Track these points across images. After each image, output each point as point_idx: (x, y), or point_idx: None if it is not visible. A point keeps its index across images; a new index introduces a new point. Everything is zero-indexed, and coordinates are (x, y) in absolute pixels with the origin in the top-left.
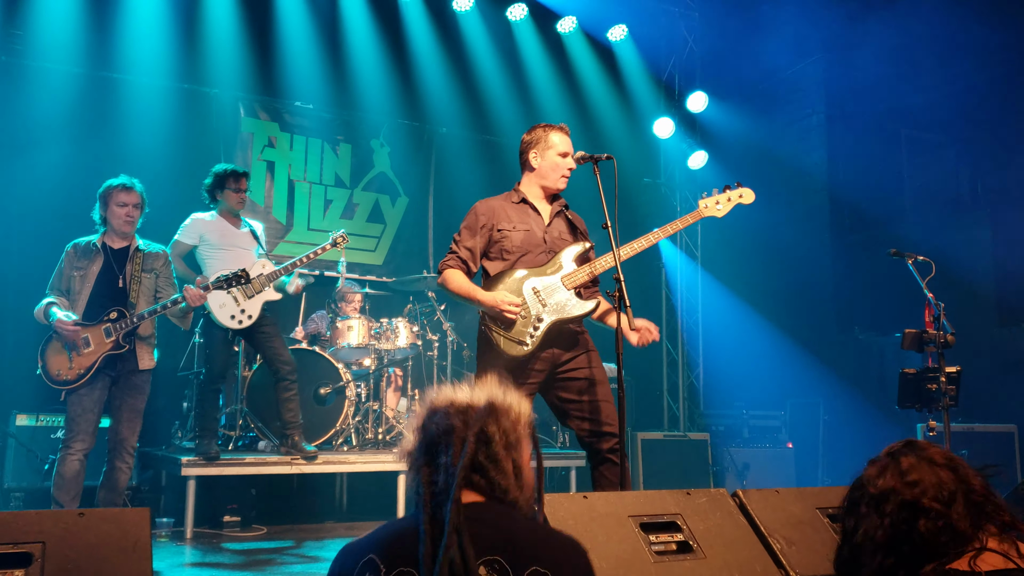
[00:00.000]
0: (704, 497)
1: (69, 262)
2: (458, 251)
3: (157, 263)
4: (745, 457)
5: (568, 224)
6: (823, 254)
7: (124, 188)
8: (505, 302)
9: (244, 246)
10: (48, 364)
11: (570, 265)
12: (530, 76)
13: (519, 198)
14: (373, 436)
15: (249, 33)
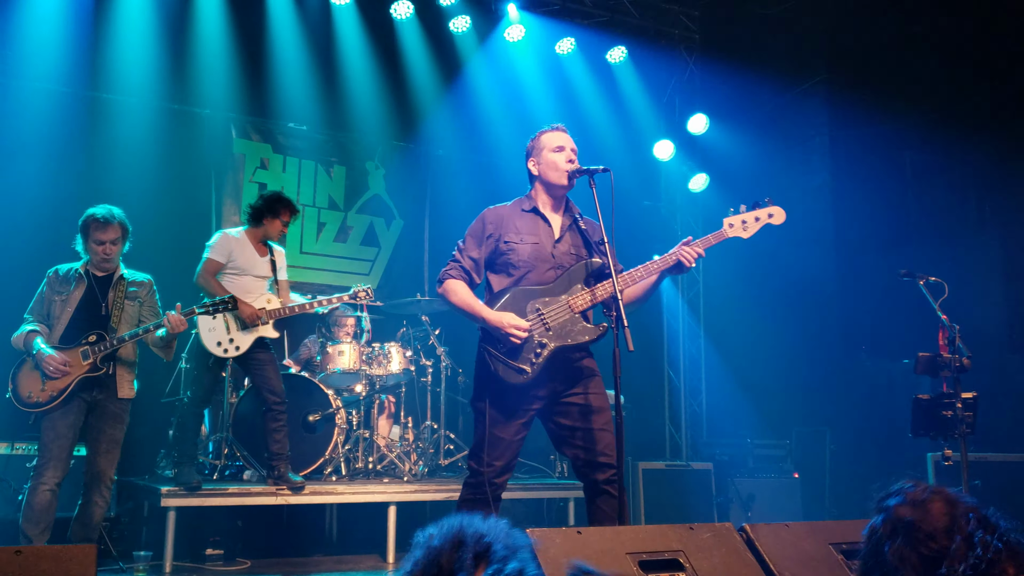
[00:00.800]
0: (708, 532)
1: (51, 287)
2: (461, 260)
3: (142, 291)
4: (750, 488)
5: (581, 236)
6: (828, 278)
7: (100, 224)
8: (512, 325)
9: (258, 274)
10: (19, 387)
11: (579, 285)
12: (527, 97)
13: (530, 206)
14: (364, 465)
15: (241, 53)
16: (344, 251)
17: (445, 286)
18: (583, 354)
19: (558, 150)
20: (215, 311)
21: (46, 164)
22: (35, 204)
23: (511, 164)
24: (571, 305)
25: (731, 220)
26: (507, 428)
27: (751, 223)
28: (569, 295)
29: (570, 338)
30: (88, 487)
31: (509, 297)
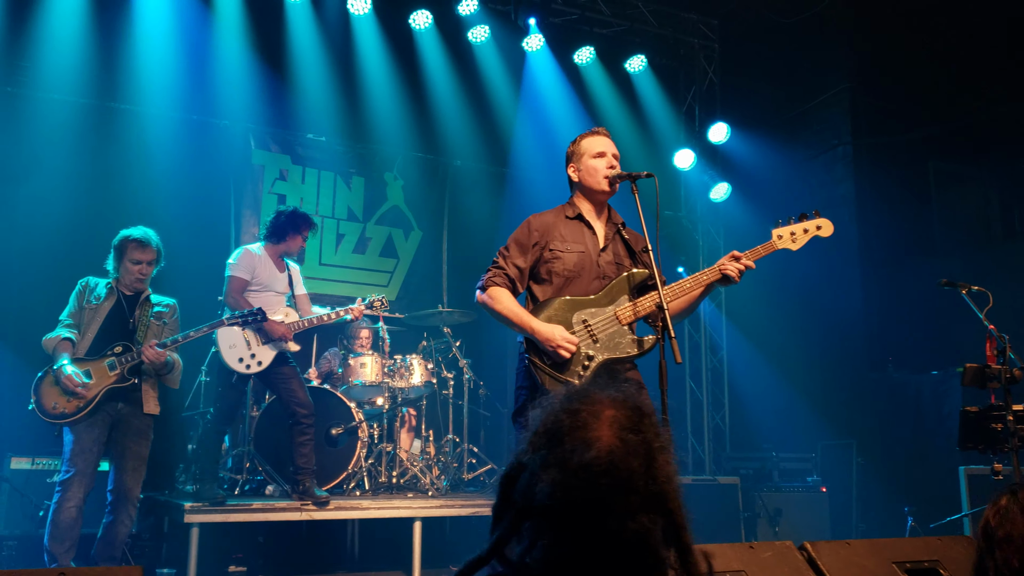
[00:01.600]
0: (769, 551)
1: (83, 294)
2: (506, 267)
3: (167, 313)
4: (777, 502)
5: (625, 246)
6: (853, 289)
7: (139, 245)
8: (564, 338)
9: (279, 290)
10: (42, 398)
11: (624, 296)
12: (547, 107)
13: (574, 213)
14: (387, 480)
15: (261, 64)
16: (363, 262)
17: (489, 293)
18: (629, 365)
19: (599, 156)
20: (244, 324)
21: (66, 175)
22: (56, 214)
23: (529, 175)
24: (618, 317)
25: (779, 231)
26: None
27: (799, 235)
28: (616, 306)
29: (619, 350)
30: (114, 506)
31: (554, 307)
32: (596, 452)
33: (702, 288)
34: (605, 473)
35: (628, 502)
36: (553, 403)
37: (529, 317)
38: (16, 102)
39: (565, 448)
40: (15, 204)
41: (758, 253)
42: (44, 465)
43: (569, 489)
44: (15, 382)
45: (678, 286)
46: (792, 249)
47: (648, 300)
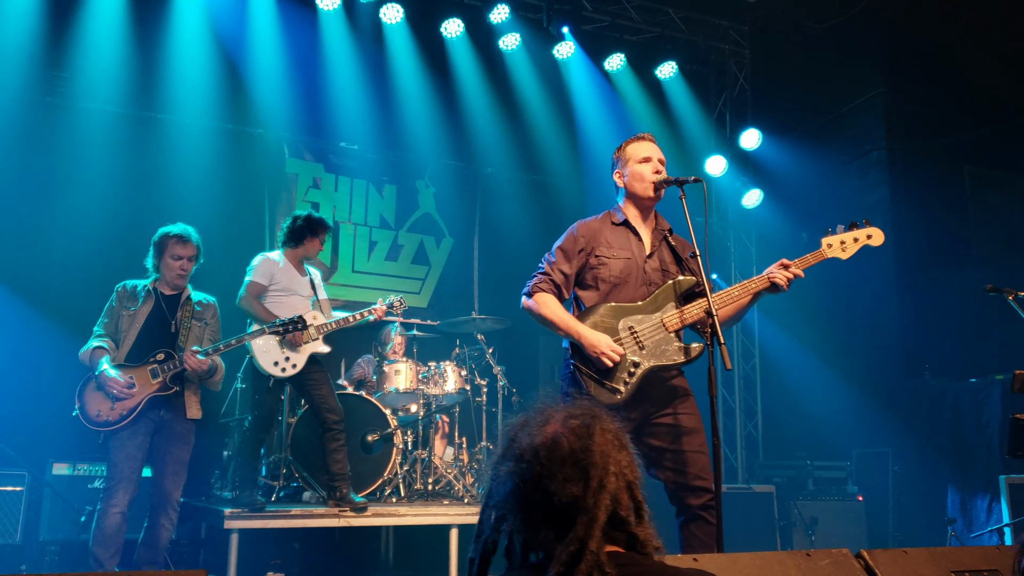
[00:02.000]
0: (826, 559)
1: (119, 301)
2: (552, 274)
3: (207, 314)
4: (812, 511)
5: (671, 253)
6: (888, 295)
7: (180, 240)
8: (609, 347)
9: (303, 294)
10: (86, 405)
11: (671, 303)
12: (578, 114)
13: (619, 219)
14: (422, 486)
15: (295, 74)
16: (395, 269)
17: (535, 299)
18: (675, 373)
19: (644, 161)
20: (286, 331)
21: (104, 183)
22: (94, 222)
23: (560, 182)
24: (665, 324)
25: (829, 240)
26: None
27: (849, 243)
28: (662, 313)
29: (665, 358)
30: (155, 509)
31: (600, 313)
32: (543, 437)
33: (750, 296)
34: (549, 448)
35: (564, 473)
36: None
37: (576, 323)
38: (56, 112)
39: (518, 443)
40: (55, 212)
41: (807, 261)
42: (85, 471)
43: (522, 471)
44: (56, 390)
45: (726, 294)
46: (842, 258)
47: (695, 307)
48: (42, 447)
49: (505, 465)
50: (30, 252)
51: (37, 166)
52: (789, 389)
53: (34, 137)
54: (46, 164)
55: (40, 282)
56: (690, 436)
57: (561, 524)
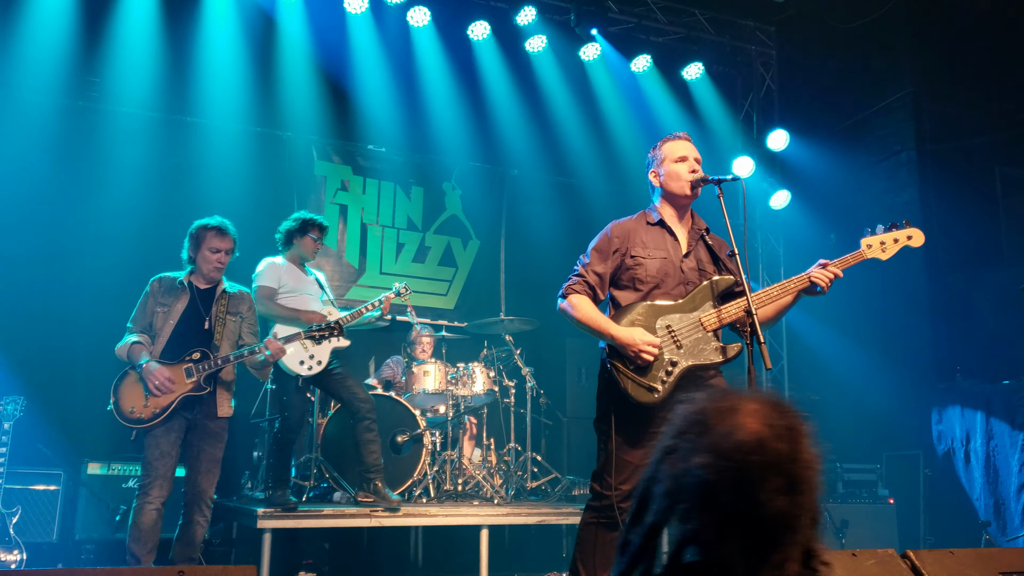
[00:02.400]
0: (872, 559)
1: (153, 297)
2: (586, 275)
3: (242, 307)
4: (843, 513)
5: (708, 252)
6: (919, 297)
7: (218, 233)
8: (644, 342)
9: (311, 292)
10: (121, 400)
11: (709, 303)
12: (604, 115)
13: (655, 219)
14: (452, 487)
15: (322, 77)
16: (422, 271)
17: (569, 301)
18: (713, 373)
19: (680, 160)
20: (322, 337)
21: (136, 186)
22: (127, 223)
23: (586, 183)
24: (703, 323)
25: (869, 240)
26: (635, 451)
27: (889, 244)
28: (700, 312)
29: (703, 357)
30: (188, 506)
31: (637, 312)
32: (745, 435)
33: (790, 296)
34: (754, 451)
35: (773, 483)
36: (698, 400)
37: (608, 323)
38: (88, 116)
39: (714, 434)
40: (88, 215)
41: (847, 262)
42: (119, 470)
43: (720, 469)
44: (90, 390)
45: (765, 293)
46: (881, 259)
47: (733, 306)
48: (77, 447)
49: (700, 456)
50: (64, 253)
51: (71, 169)
52: (817, 391)
53: (68, 141)
54: (79, 167)
55: (74, 283)
56: None
57: (758, 537)
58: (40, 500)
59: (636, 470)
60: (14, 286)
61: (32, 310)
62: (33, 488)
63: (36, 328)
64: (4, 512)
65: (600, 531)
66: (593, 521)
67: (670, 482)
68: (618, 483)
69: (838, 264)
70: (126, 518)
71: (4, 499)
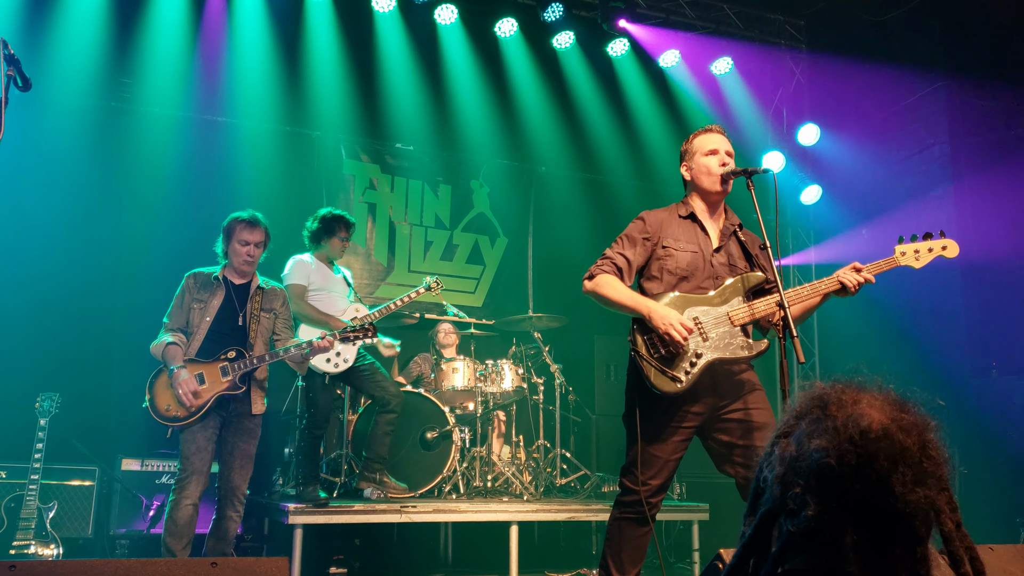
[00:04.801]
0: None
1: (188, 292)
2: (613, 258)
3: (276, 303)
4: None
5: (740, 248)
6: (952, 292)
7: (248, 225)
8: (678, 322)
9: (339, 291)
10: (156, 399)
11: (738, 298)
12: (632, 112)
13: (686, 212)
14: (481, 484)
15: (351, 76)
16: (450, 269)
17: (597, 280)
18: (744, 367)
19: (711, 153)
20: (356, 339)
21: (167, 186)
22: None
23: (614, 180)
24: (731, 317)
25: (903, 248)
26: (663, 446)
27: (923, 253)
28: (729, 307)
29: (729, 351)
30: (221, 502)
31: (665, 302)
32: (869, 423)
33: (819, 297)
34: (882, 439)
35: (902, 474)
36: (814, 386)
37: (644, 298)
38: (120, 117)
39: (835, 420)
40: (121, 214)
41: (880, 267)
42: (154, 466)
43: (843, 453)
44: (124, 386)
45: (795, 292)
46: (914, 267)
47: (764, 302)
48: (111, 443)
49: (819, 439)
50: (98, 252)
51: (103, 170)
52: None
53: (101, 142)
54: (112, 168)
55: (107, 281)
56: (762, 431)
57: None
58: (76, 496)
59: (664, 464)
60: (49, 284)
61: (67, 308)
62: (69, 484)
63: (71, 326)
64: (41, 507)
65: (629, 526)
66: (622, 516)
67: (783, 467)
68: (646, 478)
69: (871, 269)
70: (160, 513)
71: (41, 495)
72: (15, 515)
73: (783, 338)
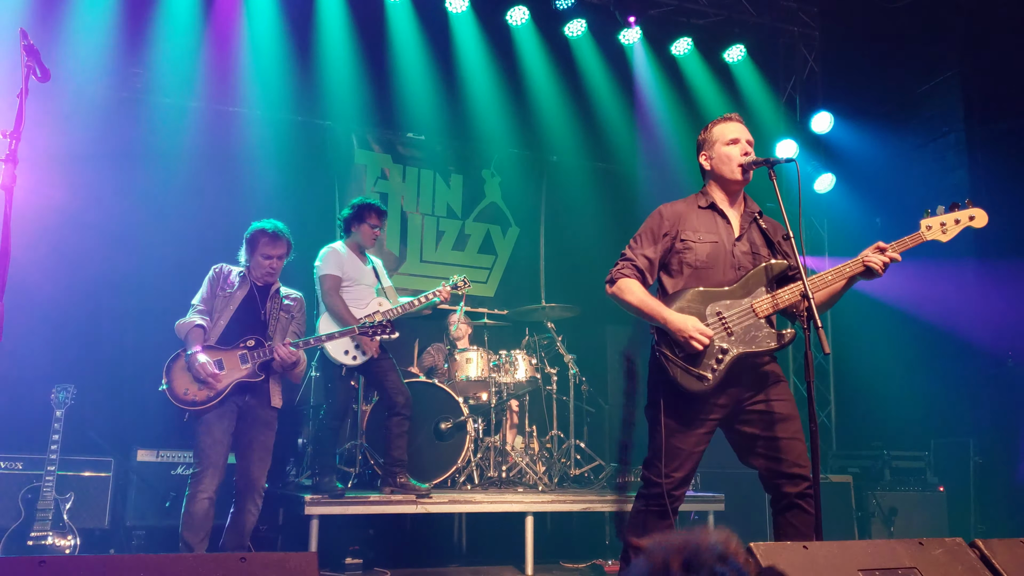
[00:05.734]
0: (940, 548)
1: (217, 280)
2: (634, 259)
3: (294, 308)
4: (891, 501)
5: (762, 236)
6: (967, 281)
7: (271, 239)
8: (697, 330)
9: (368, 283)
10: (174, 382)
11: (762, 288)
12: (645, 100)
13: (706, 202)
14: (495, 474)
15: (362, 66)
16: (462, 259)
17: (618, 285)
18: (767, 359)
19: (732, 143)
20: (373, 335)
21: (177, 176)
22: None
23: (626, 169)
24: (755, 309)
25: (928, 222)
26: (686, 438)
27: (951, 225)
28: (753, 298)
29: (754, 344)
30: (241, 495)
31: (687, 298)
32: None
33: (844, 281)
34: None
35: None
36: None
37: (661, 307)
38: (131, 107)
39: None
40: (133, 205)
41: (905, 244)
42: (169, 457)
43: None
44: (139, 377)
45: (819, 278)
46: (942, 240)
47: (788, 291)
48: (127, 434)
49: None
50: (111, 243)
51: (115, 160)
52: (863, 377)
53: (112, 132)
54: (124, 158)
55: (121, 272)
56: (785, 422)
57: None
58: (92, 487)
59: (688, 457)
60: (63, 276)
61: (82, 299)
62: (84, 475)
63: (86, 317)
64: (58, 499)
65: (652, 519)
66: (644, 509)
67: None
68: (669, 471)
69: (896, 247)
70: (176, 504)
71: (57, 486)
72: (32, 506)
73: (807, 328)
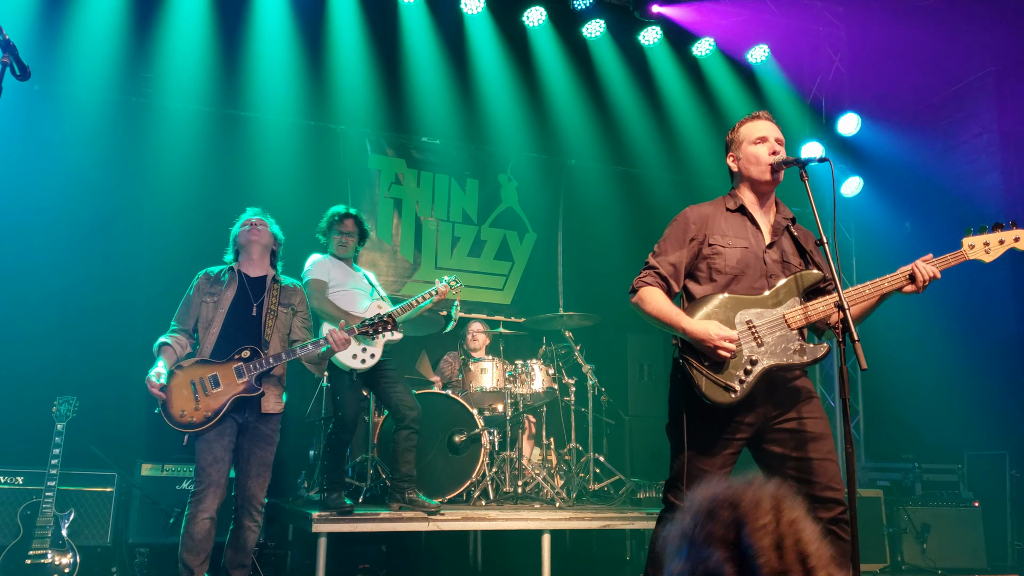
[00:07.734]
0: None
1: (199, 291)
2: (658, 266)
3: (295, 299)
4: (923, 517)
5: (794, 244)
6: (1002, 287)
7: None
8: (721, 336)
9: (362, 287)
10: (170, 403)
11: (795, 298)
12: (665, 102)
13: (735, 204)
14: (511, 489)
15: (376, 70)
16: (478, 266)
17: (640, 294)
18: (798, 374)
19: (760, 141)
20: (375, 332)
21: (190, 181)
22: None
23: (647, 173)
24: (787, 320)
25: (971, 240)
26: (712, 460)
27: (994, 245)
28: (785, 308)
29: (786, 357)
30: (239, 512)
31: (714, 305)
32: None
33: (879, 295)
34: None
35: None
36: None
37: (680, 315)
38: (141, 111)
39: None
40: (143, 211)
41: (947, 262)
42: (173, 472)
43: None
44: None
45: (856, 291)
46: (984, 261)
47: (821, 303)
48: (130, 448)
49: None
50: (117, 251)
51: (124, 165)
52: (892, 386)
53: (121, 136)
54: (133, 163)
55: (126, 282)
56: (817, 442)
57: None
58: (94, 502)
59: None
60: (66, 284)
61: (85, 308)
62: (86, 490)
63: (89, 327)
64: (58, 515)
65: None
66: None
67: None
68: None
69: (937, 264)
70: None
71: (58, 502)
72: (31, 523)
73: (842, 342)
